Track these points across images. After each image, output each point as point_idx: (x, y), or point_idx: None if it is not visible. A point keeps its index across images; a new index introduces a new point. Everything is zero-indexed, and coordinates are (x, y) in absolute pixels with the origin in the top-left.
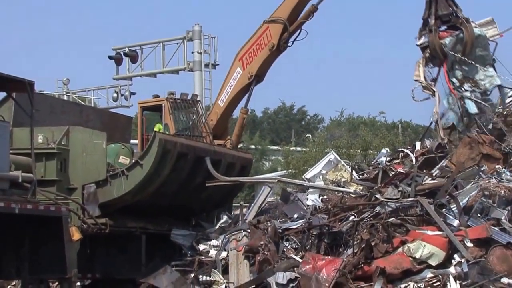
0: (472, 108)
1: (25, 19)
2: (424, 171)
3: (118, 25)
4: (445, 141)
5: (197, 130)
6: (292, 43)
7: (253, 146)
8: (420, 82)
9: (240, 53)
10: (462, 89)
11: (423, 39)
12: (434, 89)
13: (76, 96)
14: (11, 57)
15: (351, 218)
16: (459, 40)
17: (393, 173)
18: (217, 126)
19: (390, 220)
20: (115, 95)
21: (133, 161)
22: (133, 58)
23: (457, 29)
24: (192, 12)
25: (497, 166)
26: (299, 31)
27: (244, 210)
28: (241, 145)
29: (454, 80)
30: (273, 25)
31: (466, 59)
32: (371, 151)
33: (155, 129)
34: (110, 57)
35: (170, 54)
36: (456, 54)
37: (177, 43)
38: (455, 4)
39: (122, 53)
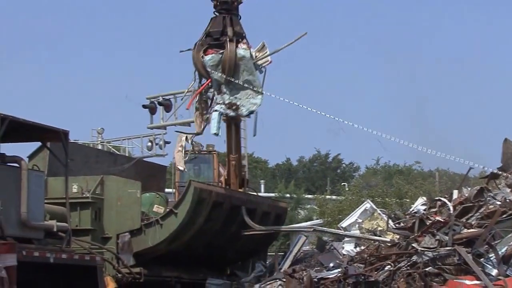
0: (213, 129)
1: (60, 68)
2: (463, 220)
3: (152, 74)
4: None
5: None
6: None
7: (288, 195)
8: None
9: None
10: (211, 109)
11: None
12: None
13: (110, 146)
14: (45, 106)
15: (388, 267)
16: (222, 60)
17: (430, 222)
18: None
19: (427, 269)
20: (149, 144)
21: (168, 210)
22: (167, 107)
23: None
24: None
25: None
26: None
27: (279, 259)
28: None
29: (219, 102)
30: None
31: (228, 82)
32: (407, 200)
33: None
34: (144, 106)
35: None
36: (217, 73)
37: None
38: (232, 23)
39: (156, 102)
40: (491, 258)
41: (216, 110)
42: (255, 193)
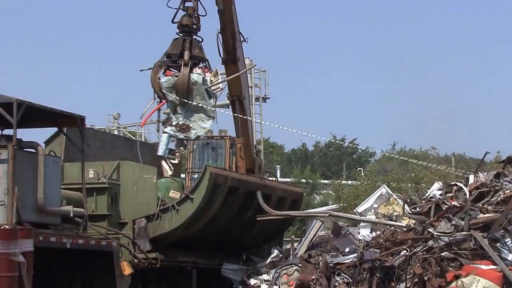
0: (160, 150)
1: (77, 54)
2: (479, 204)
3: None
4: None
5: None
6: None
7: (304, 180)
8: None
9: None
10: (164, 130)
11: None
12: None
13: (126, 131)
14: (62, 92)
15: (403, 252)
16: (176, 83)
17: (446, 206)
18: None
19: (443, 254)
20: None
21: (184, 195)
22: None
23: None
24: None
25: None
26: None
27: (295, 244)
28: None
29: (173, 123)
30: None
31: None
32: (423, 185)
33: None
34: None
35: None
36: (172, 95)
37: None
38: (191, 46)
39: None
40: (507, 243)
41: (166, 132)
42: (274, 179)
